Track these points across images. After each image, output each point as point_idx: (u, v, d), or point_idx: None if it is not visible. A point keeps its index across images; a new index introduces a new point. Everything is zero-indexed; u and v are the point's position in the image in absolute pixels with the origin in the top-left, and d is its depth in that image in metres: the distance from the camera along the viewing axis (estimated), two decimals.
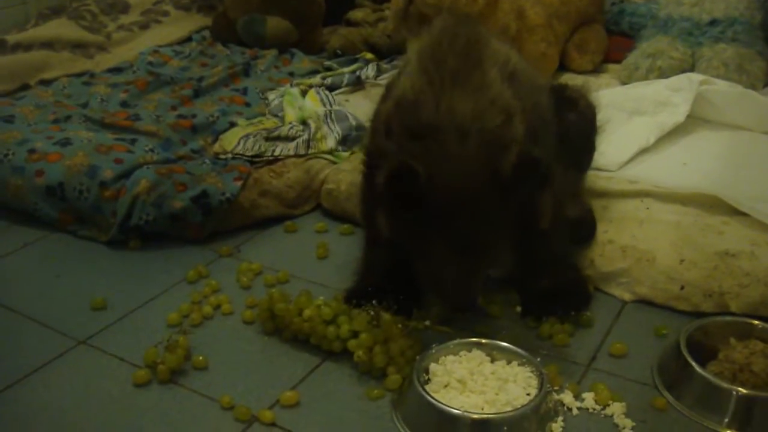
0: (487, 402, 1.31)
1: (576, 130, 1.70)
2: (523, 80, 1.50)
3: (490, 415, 1.27)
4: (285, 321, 1.51)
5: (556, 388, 1.38)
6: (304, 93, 2.50)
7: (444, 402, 1.29)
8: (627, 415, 1.33)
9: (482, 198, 1.34)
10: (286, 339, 1.53)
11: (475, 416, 1.27)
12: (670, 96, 2.23)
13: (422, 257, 1.43)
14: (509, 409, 1.28)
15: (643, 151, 2.06)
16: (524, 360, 1.39)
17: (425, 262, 1.43)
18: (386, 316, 1.44)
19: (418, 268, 1.47)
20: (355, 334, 1.45)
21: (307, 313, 1.48)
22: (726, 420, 1.31)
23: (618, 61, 2.73)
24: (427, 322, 1.51)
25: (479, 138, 1.35)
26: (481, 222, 1.36)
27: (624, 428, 1.31)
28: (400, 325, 1.44)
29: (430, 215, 1.34)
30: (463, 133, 1.35)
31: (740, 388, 1.31)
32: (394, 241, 1.47)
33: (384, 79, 2.65)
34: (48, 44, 2.89)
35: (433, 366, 1.38)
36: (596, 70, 2.79)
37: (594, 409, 1.35)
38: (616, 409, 1.34)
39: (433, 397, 1.29)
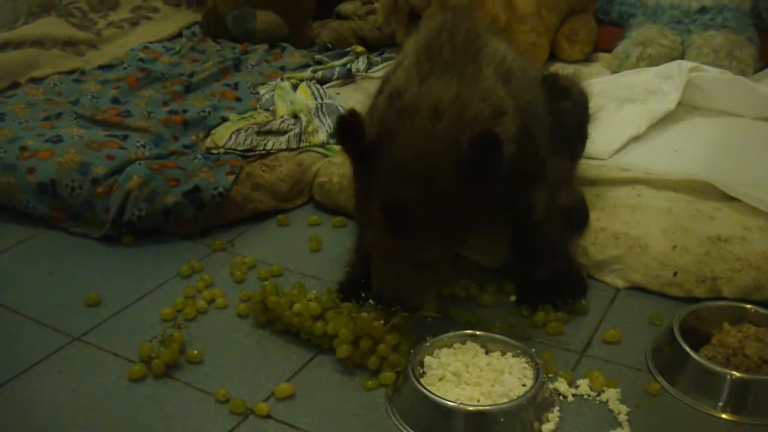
0: (483, 394, 1.30)
1: (569, 118, 1.70)
2: (519, 78, 1.48)
3: (486, 407, 1.27)
4: (276, 314, 1.51)
5: (550, 375, 1.39)
6: (295, 87, 2.50)
7: (440, 395, 1.28)
8: (621, 401, 1.34)
9: (433, 170, 1.30)
10: (280, 331, 1.53)
11: (472, 408, 1.27)
12: (660, 84, 2.24)
13: (361, 223, 1.42)
14: (505, 400, 1.28)
15: (635, 138, 2.06)
16: (519, 351, 1.39)
17: (362, 229, 1.43)
18: (363, 315, 1.41)
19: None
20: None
21: (297, 307, 1.48)
22: (720, 404, 1.31)
23: (608, 50, 2.73)
24: None
25: (453, 121, 1.33)
26: (427, 197, 1.31)
27: (619, 414, 1.31)
28: (382, 321, 1.40)
29: (375, 174, 1.34)
30: (438, 113, 1.33)
31: (734, 372, 1.32)
32: None
33: (375, 72, 2.66)
34: (38, 42, 2.89)
35: (427, 359, 1.38)
36: (587, 60, 2.78)
37: (589, 396, 1.36)
38: (611, 395, 1.35)
39: (429, 390, 1.29)
